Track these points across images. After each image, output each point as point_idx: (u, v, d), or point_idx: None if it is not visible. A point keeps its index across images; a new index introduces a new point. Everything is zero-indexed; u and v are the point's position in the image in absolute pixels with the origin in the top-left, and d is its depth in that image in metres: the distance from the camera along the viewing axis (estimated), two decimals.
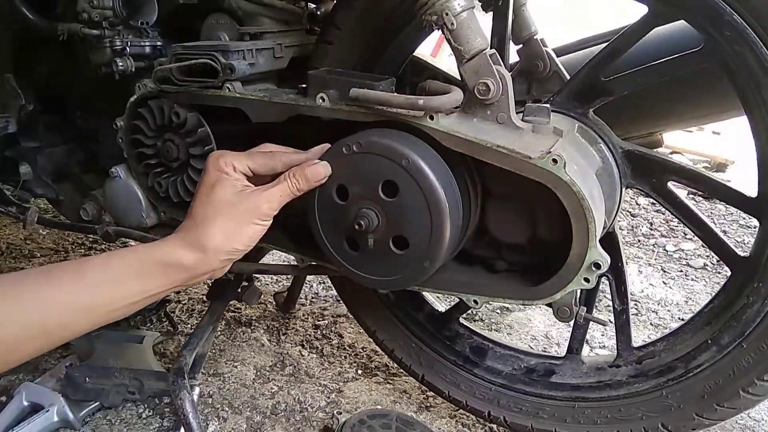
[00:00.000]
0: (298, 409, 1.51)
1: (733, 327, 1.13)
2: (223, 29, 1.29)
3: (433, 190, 0.99)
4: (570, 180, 0.94)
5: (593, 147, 1.16)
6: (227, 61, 1.16)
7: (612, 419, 1.25)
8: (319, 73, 1.13)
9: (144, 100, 1.27)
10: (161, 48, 1.35)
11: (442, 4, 0.97)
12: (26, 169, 1.54)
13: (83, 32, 1.28)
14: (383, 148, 1.01)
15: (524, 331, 1.92)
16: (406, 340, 1.46)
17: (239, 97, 1.17)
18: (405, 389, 1.59)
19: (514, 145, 0.97)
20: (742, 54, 0.99)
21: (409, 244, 1.03)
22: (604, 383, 1.28)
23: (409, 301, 1.46)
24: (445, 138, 1.00)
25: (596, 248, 0.97)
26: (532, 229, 1.12)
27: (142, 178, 1.33)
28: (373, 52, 1.26)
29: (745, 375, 1.11)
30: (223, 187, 0.96)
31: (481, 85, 0.99)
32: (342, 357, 1.74)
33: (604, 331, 1.92)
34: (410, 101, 0.99)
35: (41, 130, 1.57)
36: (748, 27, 0.96)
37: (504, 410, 1.36)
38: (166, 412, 1.46)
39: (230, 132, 1.30)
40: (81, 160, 1.64)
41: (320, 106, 1.09)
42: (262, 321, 1.90)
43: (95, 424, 1.43)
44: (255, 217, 0.96)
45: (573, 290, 1.04)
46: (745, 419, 1.52)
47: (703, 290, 2.11)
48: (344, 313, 1.95)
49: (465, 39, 0.99)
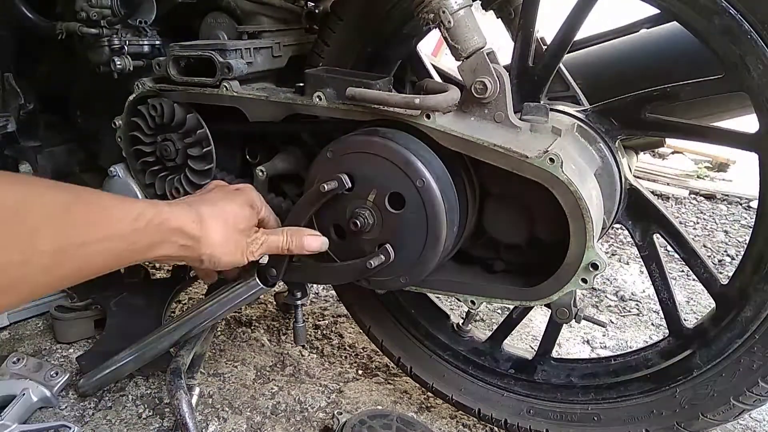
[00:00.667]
0: (298, 410, 1.50)
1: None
2: (221, 28, 1.29)
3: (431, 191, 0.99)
4: (567, 179, 0.93)
5: (592, 146, 1.15)
6: (225, 60, 1.16)
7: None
8: (316, 72, 1.13)
9: (143, 99, 1.27)
10: (160, 47, 1.36)
11: (439, 2, 0.97)
12: (26, 168, 1.55)
13: (82, 31, 1.29)
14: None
15: (525, 332, 1.91)
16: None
17: (236, 96, 1.17)
18: (405, 389, 1.59)
19: (510, 144, 0.97)
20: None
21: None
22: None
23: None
24: (442, 137, 1.00)
25: (594, 248, 0.97)
26: (530, 230, 1.12)
27: (140, 177, 1.33)
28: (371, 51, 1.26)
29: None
30: (247, 211, 1.05)
31: (478, 84, 0.99)
32: (342, 357, 1.73)
33: (605, 332, 1.91)
34: (407, 100, 0.99)
35: (41, 129, 1.57)
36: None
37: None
38: (166, 412, 1.46)
39: (229, 131, 1.30)
40: (81, 159, 1.64)
41: (317, 105, 1.09)
42: (262, 321, 1.90)
43: (95, 424, 1.42)
44: (245, 253, 1.04)
45: (571, 291, 1.04)
46: (747, 420, 1.51)
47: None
48: (344, 313, 1.94)
49: (462, 37, 0.98)
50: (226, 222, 0.99)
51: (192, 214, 0.94)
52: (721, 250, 2.56)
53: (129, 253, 0.84)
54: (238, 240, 1.01)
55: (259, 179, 1.22)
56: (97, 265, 0.80)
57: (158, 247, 0.89)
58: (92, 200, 0.81)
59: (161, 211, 0.88)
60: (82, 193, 0.80)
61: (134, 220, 0.83)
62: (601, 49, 1.47)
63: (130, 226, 0.82)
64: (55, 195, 0.75)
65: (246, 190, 1.09)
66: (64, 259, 0.74)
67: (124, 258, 0.85)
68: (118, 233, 0.81)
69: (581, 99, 1.27)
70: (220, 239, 0.97)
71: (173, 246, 0.91)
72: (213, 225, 0.97)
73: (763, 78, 0.95)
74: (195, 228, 0.94)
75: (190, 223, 0.93)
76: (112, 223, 0.80)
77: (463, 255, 1.20)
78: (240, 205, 1.04)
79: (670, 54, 1.33)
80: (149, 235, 0.86)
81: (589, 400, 1.27)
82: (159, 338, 1.40)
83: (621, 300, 2.13)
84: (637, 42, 1.43)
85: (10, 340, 1.71)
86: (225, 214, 1.00)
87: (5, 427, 1.31)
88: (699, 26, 1.00)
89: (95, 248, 0.78)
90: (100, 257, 0.80)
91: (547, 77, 1.15)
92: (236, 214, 1.02)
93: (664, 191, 3.28)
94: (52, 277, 0.74)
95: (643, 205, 1.18)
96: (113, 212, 0.82)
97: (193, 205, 0.98)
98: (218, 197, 1.04)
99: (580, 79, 1.31)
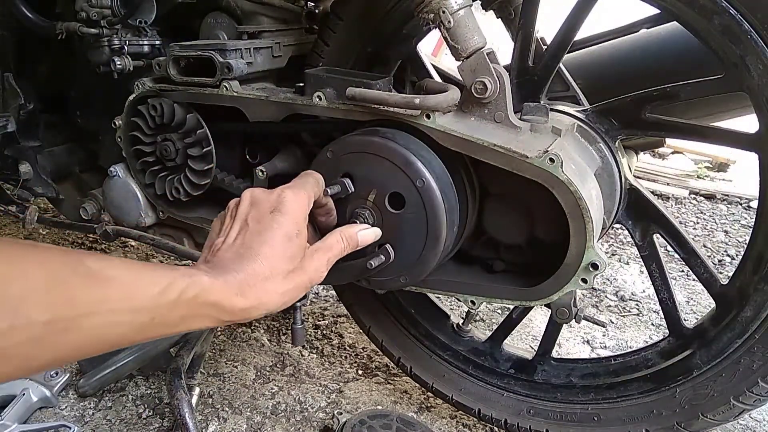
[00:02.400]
0: (298, 410, 1.50)
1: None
2: (221, 28, 1.29)
3: (431, 191, 0.99)
4: (567, 179, 0.93)
5: (592, 146, 1.15)
6: (225, 60, 1.16)
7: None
8: (316, 72, 1.13)
9: (143, 99, 1.27)
10: (159, 47, 1.35)
11: (439, 2, 0.96)
12: (26, 168, 1.54)
13: (82, 31, 1.29)
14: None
15: (525, 332, 1.91)
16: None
17: (236, 96, 1.17)
18: (405, 389, 1.59)
19: (510, 144, 0.96)
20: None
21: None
22: None
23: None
24: (442, 137, 1.00)
25: (594, 248, 0.97)
26: (530, 230, 1.12)
27: (140, 176, 1.33)
28: (371, 51, 1.26)
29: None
30: (294, 245, 0.86)
31: (478, 84, 0.98)
32: (342, 357, 1.74)
33: (605, 332, 1.91)
34: (407, 100, 0.98)
35: (41, 129, 1.57)
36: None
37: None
38: (166, 412, 1.46)
39: (229, 131, 1.30)
40: (81, 159, 1.64)
41: (317, 105, 1.09)
42: (262, 321, 1.90)
43: (95, 424, 1.42)
44: (308, 285, 0.88)
45: (571, 291, 1.03)
46: (747, 420, 1.51)
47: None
48: (344, 313, 1.94)
49: (462, 37, 0.98)
50: (275, 276, 0.82)
51: (233, 287, 0.78)
52: (721, 250, 2.56)
53: (154, 327, 0.73)
54: (296, 284, 0.86)
55: (259, 179, 1.22)
56: (110, 338, 0.70)
57: (195, 320, 0.76)
58: (101, 269, 0.70)
59: (195, 283, 0.75)
60: (86, 259, 0.70)
61: (160, 293, 0.72)
62: (601, 49, 1.47)
63: (154, 300, 0.72)
64: (51, 263, 0.66)
65: (285, 213, 0.87)
66: (64, 329, 0.65)
67: (150, 331, 0.73)
68: (138, 306, 0.70)
69: (581, 99, 1.27)
70: (277, 298, 0.83)
71: (215, 320, 0.78)
72: (261, 289, 0.81)
73: (763, 78, 0.95)
74: (239, 301, 0.79)
75: (233, 298, 0.78)
76: (130, 295, 0.70)
77: (463, 255, 1.20)
78: (283, 244, 0.85)
79: (670, 54, 1.33)
80: (182, 309, 0.74)
81: (589, 400, 1.27)
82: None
83: (621, 300, 2.13)
84: (637, 42, 1.43)
85: None
86: (270, 267, 0.82)
87: (5, 427, 1.31)
88: (699, 26, 1.00)
89: (104, 320, 0.68)
90: (115, 330, 0.70)
91: (547, 77, 1.15)
92: (284, 259, 0.84)
93: (664, 191, 3.28)
94: (47, 350, 0.65)
95: (643, 205, 1.18)
96: (131, 282, 0.71)
97: (229, 269, 0.81)
98: (256, 243, 0.84)
99: (580, 79, 1.31)
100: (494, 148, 0.97)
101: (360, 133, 1.06)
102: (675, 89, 1.06)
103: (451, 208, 1.02)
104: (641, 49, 1.42)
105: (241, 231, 0.87)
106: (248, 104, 1.17)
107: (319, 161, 1.08)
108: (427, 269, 1.06)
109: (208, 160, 1.26)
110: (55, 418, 1.42)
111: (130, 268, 0.73)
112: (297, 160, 1.27)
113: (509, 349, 1.39)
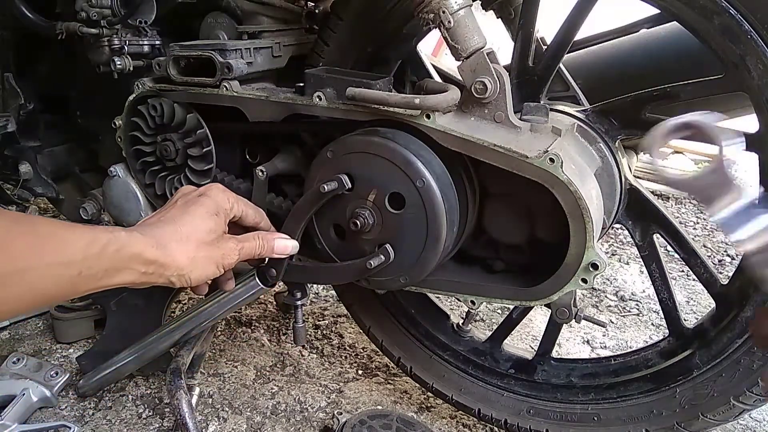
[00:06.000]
0: (298, 410, 1.50)
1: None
2: (221, 28, 1.29)
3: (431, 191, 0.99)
4: (567, 179, 0.93)
5: (592, 146, 1.15)
6: (225, 60, 1.16)
7: None
8: (316, 72, 1.13)
9: (143, 99, 1.27)
10: (160, 47, 1.35)
11: (439, 2, 0.97)
12: (26, 168, 1.54)
13: (82, 31, 1.28)
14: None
15: (525, 332, 1.91)
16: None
17: (236, 96, 1.17)
18: (405, 389, 1.59)
19: (511, 144, 0.97)
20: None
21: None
22: None
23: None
24: (442, 137, 1.00)
25: (594, 248, 0.97)
26: (530, 230, 1.12)
27: (140, 177, 1.33)
28: (371, 51, 1.26)
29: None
30: (212, 221, 1.00)
31: (478, 84, 0.99)
32: (342, 357, 1.73)
33: (605, 332, 1.91)
34: (406, 100, 0.98)
35: (41, 129, 1.57)
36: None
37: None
38: (166, 412, 1.46)
39: (229, 131, 1.30)
40: (81, 159, 1.64)
41: (317, 105, 1.09)
42: (262, 321, 1.90)
43: (95, 424, 1.42)
44: (219, 263, 1.00)
45: (571, 291, 1.03)
46: (747, 420, 1.51)
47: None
48: (344, 313, 1.94)
49: (462, 37, 0.98)
50: (189, 240, 0.95)
51: (151, 240, 0.90)
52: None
53: (84, 280, 0.82)
54: (207, 255, 0.97)
55: (259, 179, 1.22)
56: (47, 291, 0.79)
57: (117, 274, 0.86)
58: (37, 226, 0.79)
59: (117, 237, 0.85)
60: (23, 219, 0.79)
61: (87, 246, 0.81)
62: (601, 49, 1.47)
63: (82, 252, 0.80)
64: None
65: (209, 196, 1.02)
66: (5, 283, 0.73)
67: (80, 285, 0.82)
68: (68, 259, 0.79)
69: (581, 99, 1.28)
70: (186, 260, 0.94)
71: (134, 273, 0.88)
72: (175, 247, 0.93)
73: (763, 78, 0.95)
74: (155, 253, 0.90)
75: (150, 249, 0.89)
76: (61, 249, 0.79)
77: (463, 255, 1.20)
78: (202, 217, 0.99)
79: (670, 54, 1.33)
80: (105, 261, 0.83)
81: (589, 400, 1.27)
82: (159, 338, 1.40)
83: (621, 300, 2.13)
84: (638, 42, 1.43)
85: (10, 340, 1.71)
86: (187, 232, 0.95)
87: (5, 427, 1.31)
88: (699, 26, 1.00)
89: (41, 274, 0.77)
90: (49, 283, 0.78)
91: (547, 77, 1.15)
92: (199, 229, 0.97)
93: (664, 191, 3.28)
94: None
95: (643, 205, 1.19)
96: (62, 238, 0.80)
97: (151, 227, 0.94)
98: (178, 214, 0.98)
99: (580, 79, 1.31)
100: (494, 148, 0.97)
101: (360, 133, 1.06)
102: (675, 89, 1.07)
103: (451, 208, 1.02)
104: (641, 49, 1.42)
105: (169, 209, 1.01)
106: (248, 104, 1.17)
107: (319, 161, 1.08)
108: (427, 269, 1.06)
109: (208, 160, 1.27)
110: (55, 418, 1.42)
111: (63, 225, 0.83)
112: (297, 160, 1.27)
113: (509, 349, 1.39)
